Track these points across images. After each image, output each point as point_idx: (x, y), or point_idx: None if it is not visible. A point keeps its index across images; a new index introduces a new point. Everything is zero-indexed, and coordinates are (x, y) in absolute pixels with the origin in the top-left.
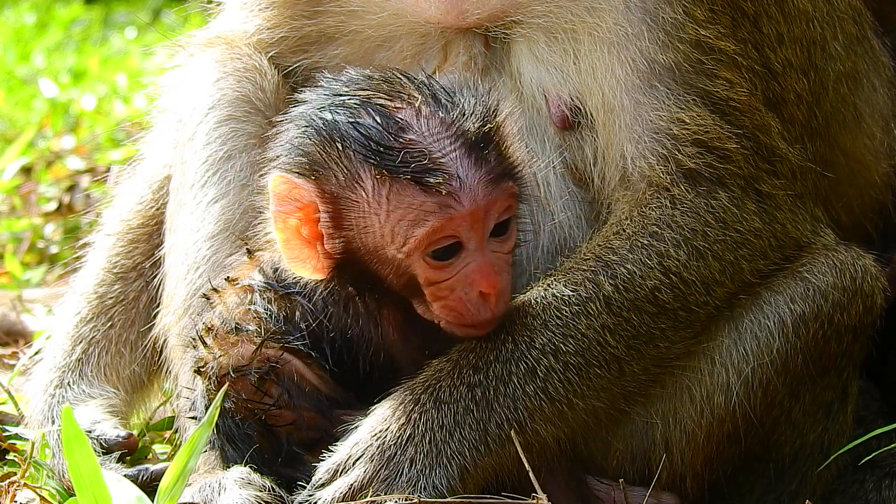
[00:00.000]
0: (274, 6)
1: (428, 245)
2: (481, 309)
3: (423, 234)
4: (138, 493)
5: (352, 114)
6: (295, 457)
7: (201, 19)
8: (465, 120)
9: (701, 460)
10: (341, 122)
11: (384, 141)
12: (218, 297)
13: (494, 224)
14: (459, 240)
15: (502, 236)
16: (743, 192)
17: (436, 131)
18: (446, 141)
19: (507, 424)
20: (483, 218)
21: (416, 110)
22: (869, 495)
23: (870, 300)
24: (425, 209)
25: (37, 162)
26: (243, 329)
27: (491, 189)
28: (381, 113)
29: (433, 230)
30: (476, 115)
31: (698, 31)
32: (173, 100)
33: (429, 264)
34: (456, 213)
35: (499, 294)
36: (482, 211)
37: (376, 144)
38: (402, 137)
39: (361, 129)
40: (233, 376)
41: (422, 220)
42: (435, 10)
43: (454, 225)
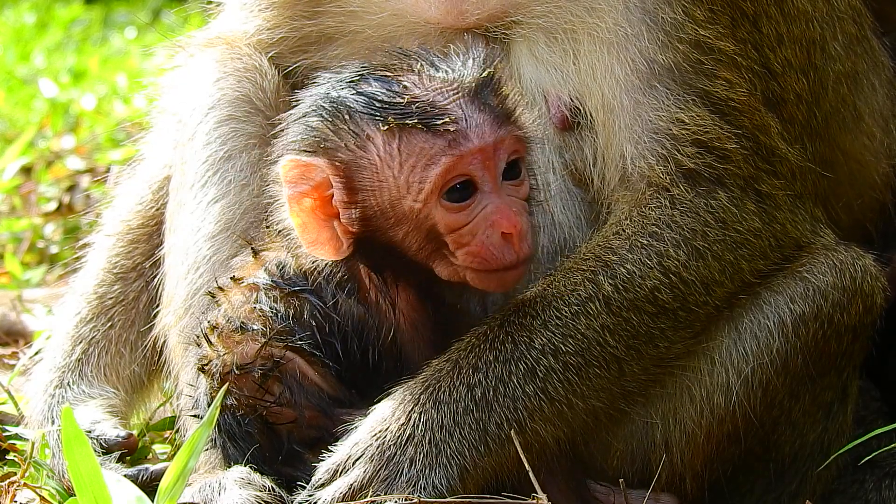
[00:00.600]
0: (274, 6)
1: (443, 186)
2: (505, 251)
3: (436, 174)
4: (138, 493)
5: (354, 86)
6: (295, 456)
7: (201, 19)
8: (464, 73)
9: (701, 460)
10: (345, 95)
11: (389, 98)
12: (223, 295)
13: (505, 165)
14: (473, 179)
15: (515, 180)
16: (742, 192)
17: (437, 85)
18: (448, 91)
19: (507, 424)
20: (493, 155)
21: (416, 73)
22: (869, 495)
23: (870, 300)
24: (436, 150)
25: (37, 162)
26: (248, 328)
27: (497, 128)
28: (382, 79)
29: (445, 169)
30: (473, 67)
31: (698, 32)
32: (173, 100)
33: (446, 209)
34: (466, 150)
35: (521, 235)
36: (491, 148)
37: (381, 103)
38: (405, 93)
39: (365, 94)
40: (236, 373)
41: (434, 162)
42: (435, 11)
43: (465, 163)
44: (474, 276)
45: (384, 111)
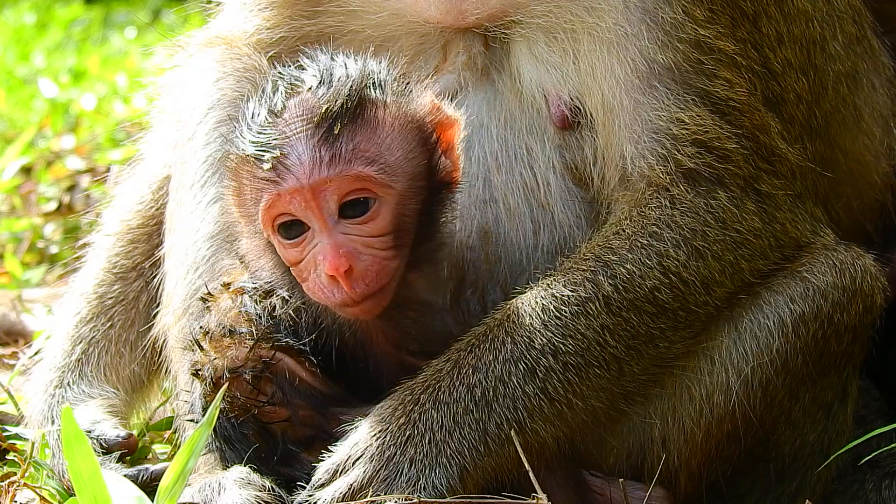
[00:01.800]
0: (273, 6)
1: (272, 221)
2: (335, 291)
3: (261, 210)
4: (138, 493)
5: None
6: (292, 455)
7: (201, 19)
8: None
9: (700, 460)
10: (240, 114)
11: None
12: (213, 301)
13: (342, 206)
14: (298, 219)
15: (357, 219)
16: (742, 192)
17: (300, 112)
18: (297, 122)
19: (507, 424)
20: (314, 198)
21: (300, 96)
22: (869, 495)
23: (869, 300)
24: (258, 185)
25: (37, 162)
26: (236, 331)
27: (323, 169)
28: (259, 101)
29: (267, 206)
30: (342, 95)
31: (698, 31)
32: (173, 100)
33: (281, 244)
34: (282, 190)
35: (350, 276)
36: (309, 191)
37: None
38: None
39: (244, 117)
40: (228, 377)
41: (259, 197)
42: (434, 10)
43: (284, 202)
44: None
45: (242, 136)
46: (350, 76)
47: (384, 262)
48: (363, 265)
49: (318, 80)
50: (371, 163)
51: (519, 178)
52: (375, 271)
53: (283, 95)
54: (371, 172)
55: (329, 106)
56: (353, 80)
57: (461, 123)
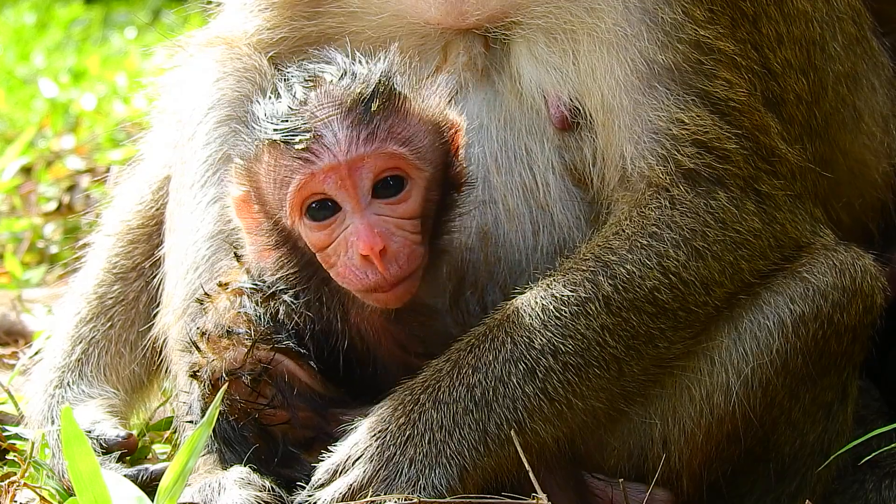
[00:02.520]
0: (274, 7)
1: (300, 205)
2: (369, 273)
3: (291, 192)
4: (138, 493)
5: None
6: (292, 457)
7: (201, 19)
8: (354, 87)
9: (699, 460)
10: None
11: (275, 113)
12: (210, 301)
13: (374, 184)
14: (331, 198)
15: (390, 199)
16: (742, 193)
17: (322, 100)
18: (327, 106)
19: (507, 425)
20: (349, 175)
21: (323, 87)
22: (869, 495)
23: (869, 300)
24: (291, 167)
25: (37, 162)
26: (234, 332)
27: (358, 147)
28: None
29: (298, 187)
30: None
31: (697, 32)
32: (173, 100)
33: (309, 227)
34: (316, 169)
35: (384, 257)
36: (345, 168)
37: (268, 117)
38: (291, 108)
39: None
40: (226, 379)
41: (289, 178)
42: (435, 12)
43: (317, 181)
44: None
45: (266, 126)
46: (373, 69)
47: (415, 245)
48: (396, 246)
49: (341, 73)
50: (405, 143)
51: (518, 178)
52: (407, 254)
53: (301, 88)
54: (405, 152)
55: (362, 90)
56: (381, 70)
57: (463, 128)
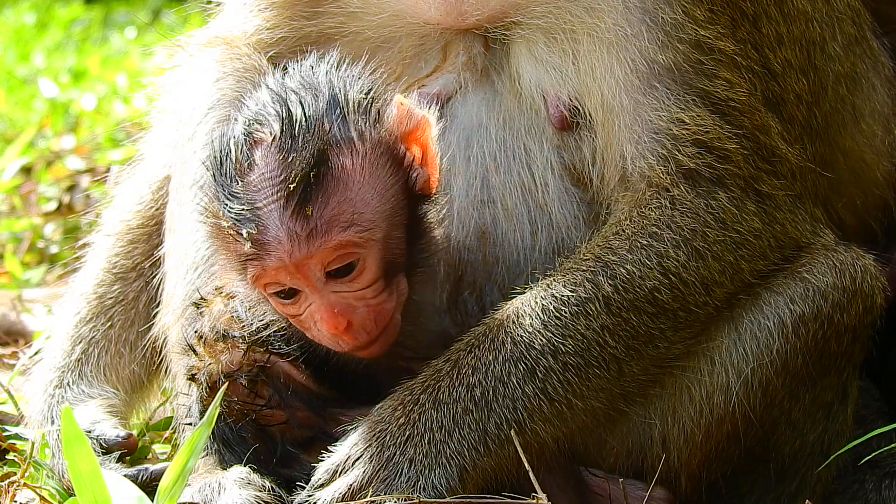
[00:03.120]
0: (273, 6)
1: (262, 287)
2: (340, 342)
3: (249, 279)
4: (138, 493)
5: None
6: (291, 457)
7: (201, 19)
8: (297, 162)
9: (699, 460)
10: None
11: (229, 185)
12: (206, 305)
13: (325, 272)
14: (292, 287)
15: (344, 278)
16: (743, 193)
17: (268, 174)
18: (271, 189)
19: (507, 425)
20: (297, 270)
21: (265, 146)
22: (869, 495)
23: (869, 300)
24: (243, 258)
25: (37, 162)
26: (229, 335)
27: (302, 247)
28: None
29: (254, 277)
30: (308, 159)
31: (698, 32)
32: (173, 100)
33: (276, 302)
34: (268, 266)
35: (350, 329)
36: (293, 267)
37: (223, 187)
38: (241, 181)
39: (222, 169)
40: (223, 381)
41: (244, 267)
42: (434, 12)
43: (270, 276)
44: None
45: (217, 198)
46: (313, 125)
47: (380, 307)
48: (360, 317)
49: (280, 127)
50: (349, 226)
51: (517, 178)
52: (373, 318)
53: (247, 145)
54: (350, 237)
55: (296, 173)
56: (320, 132)
57: (431, 120)
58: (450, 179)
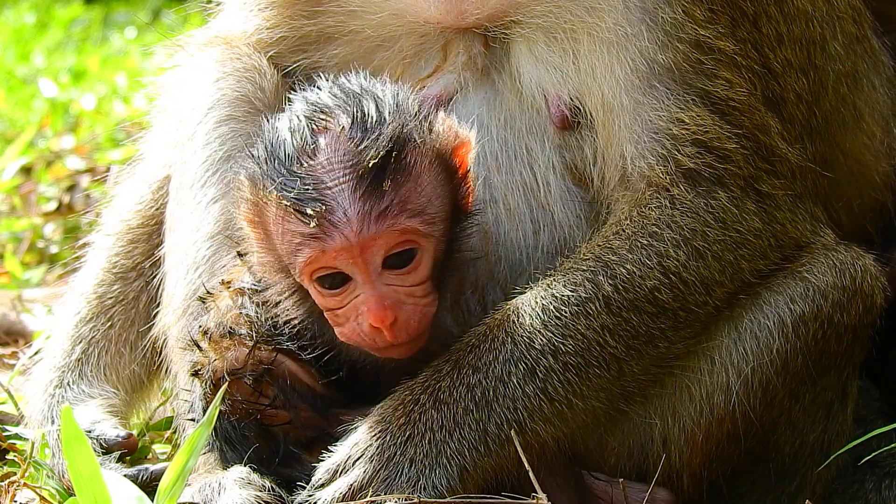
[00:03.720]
0: (273, 6)
1: (310, 273)
2: (377, 338)
3: (302, 262)
4: (138, 492)
5: (279, 135)
6: (293, 457)
7: (201, 19)
8: (372, 148)
9: (699, 459)
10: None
11: (289, 166)
12: (212, 300)
13: (386, 258)
14: (342, 272)
15: (400, 269)
16: (742, 192)
17: (338, 158)
18: (342, 170)
19: (507, 425)
20: (361, 254)
21: (332, 134)
22: (869, 495)
23: (869, 300)
24: (302, 239)
25: (37, 162)
26: (236, 332)
27: (371, 226)
28: (300, 135)
29: (309, 261)
30: (384, 145)
31: (697, 31)
32: (173, 100)
33: (319, 292)
34: (328, 248)
35: (394, 326)
36: (357, 248)
37: (280, 169)
38: (304, 163)
39: (278, 153)
40: (228, 379)
41: (300, 249)
42: (434, 11)
43: (329, 258)
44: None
45: (278, 180)
46: (386, 119)
47: (425, 308)
48: (407, 315)
49: (351, 120)
50: (416, 214)
51: (519, 178)
52: (418, 319)
53: (310, 132)
54: (417, 225)
55: (373, 157)
56: (393, 125)
57: (473, 140)
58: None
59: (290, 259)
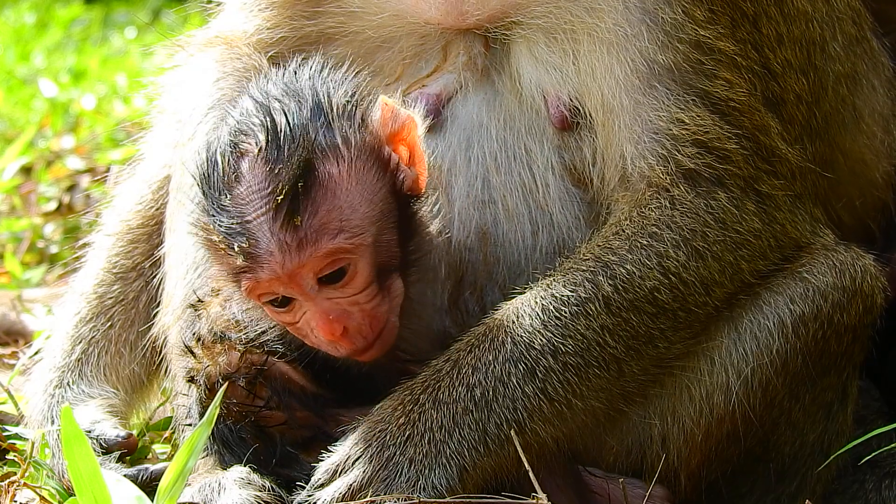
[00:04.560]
0: (273, 6)
1: (258, 297)
2: (339, 347)
3: (243, 290)
4: (138, 492)
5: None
6: (291, 457)
7: (201, 19)
8: (284, 171)
9: (699, 460)
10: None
11: (218, 199)
12: (203, 307)
13: (318, 278)
14: (286, 296)
15: (336, 284)
16: (742, 193)
17: (256, 187)
18: (260, 201)
19: (507, 425)
20: (290, 280)
21: (250, 158)
22: (869, 495)
23: (869, 300)
24: (235, 270)
25: (37, 162)
26: (226, 337)
27: (293, 257)
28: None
29: (248, 289)
30: (294, 170)
31: (698, 32)
32: (173, 100)
33: (271, 311)
34: (261, 278)
35: (347, 335)
36: (286, 277)
37: (212, 202)
38: (230, 194)
39: (211, 181)
40: (222, 384)
41: (237, 279)
42: (435, 12)
43: (265, 287)
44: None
45: (206, 213)
46: (297, 132)
47: (374, 310)
48: (356, 322)
49: (265, 136)
50: (338, 233)
51: (518, 178)
52: (369, 323)
53: (233, 157)
54: (340, 243)
55: (283, 185)
56: (302, 144)
57: (417, 118)
58: (450, 180)
59: (234, 285)
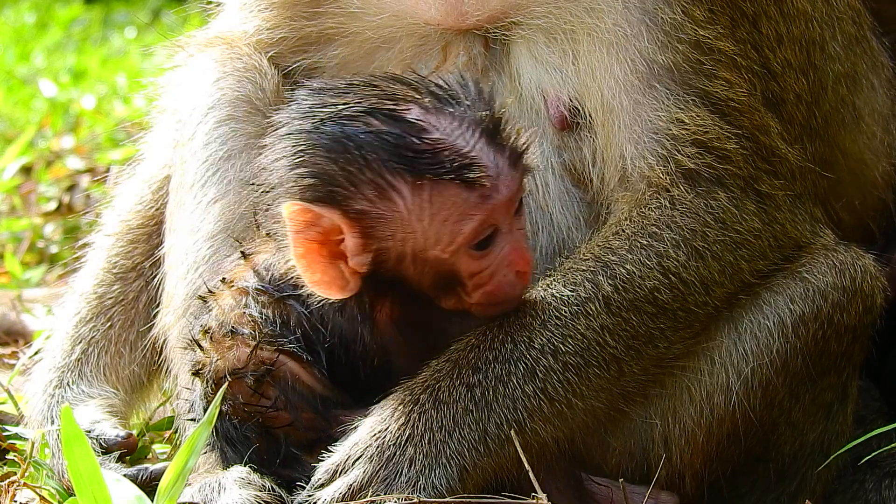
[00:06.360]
0: (273, 7)
1: (474, 238)
2: (517, 287)
3: (470, 229)
4: (138, 492)
5: (361, 123)
6: (294, 458)
7: (201, 19)
8: (472, 110)
9: (700, 460)
10: (354, 134)
11: (411, 145)
12: (214, 299)
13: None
14: (498, 226)
15: (519, 213)
16: (742, 193)
17: (453, 126)
18: (466, 134)
19: (507, 425)
20: (512, 203)
21: (423, 109)
22: (869, 495)
23: (869, 300)
24: (470, 205)
25: (37, 162)
26: (238, 332)
27: (515, 171)
28: (392, 116)
29: (480, 224)
30: (479, 104)
31: (697, 32)
32: (173, 100)
33: (472, 257)
34: (497, 203)
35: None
36: (515, 195)
37: (404, 150)
38: (425, 138)
39: (382, 137)
40: (229, 379)
41: (468, 217)
42: (435, 12)
43: (496, 214)
44: (480, 308)
45: (409, 161)
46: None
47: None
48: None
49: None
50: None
51: None
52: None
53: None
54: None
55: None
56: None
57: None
58: None
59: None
